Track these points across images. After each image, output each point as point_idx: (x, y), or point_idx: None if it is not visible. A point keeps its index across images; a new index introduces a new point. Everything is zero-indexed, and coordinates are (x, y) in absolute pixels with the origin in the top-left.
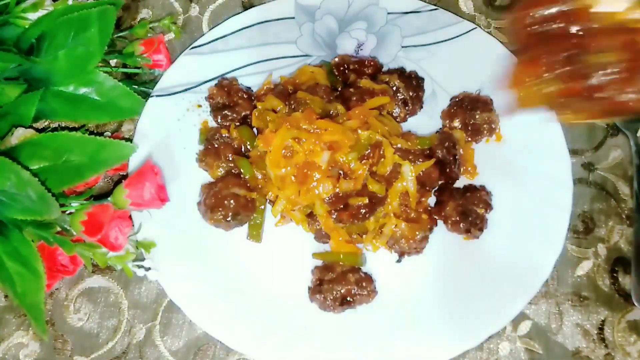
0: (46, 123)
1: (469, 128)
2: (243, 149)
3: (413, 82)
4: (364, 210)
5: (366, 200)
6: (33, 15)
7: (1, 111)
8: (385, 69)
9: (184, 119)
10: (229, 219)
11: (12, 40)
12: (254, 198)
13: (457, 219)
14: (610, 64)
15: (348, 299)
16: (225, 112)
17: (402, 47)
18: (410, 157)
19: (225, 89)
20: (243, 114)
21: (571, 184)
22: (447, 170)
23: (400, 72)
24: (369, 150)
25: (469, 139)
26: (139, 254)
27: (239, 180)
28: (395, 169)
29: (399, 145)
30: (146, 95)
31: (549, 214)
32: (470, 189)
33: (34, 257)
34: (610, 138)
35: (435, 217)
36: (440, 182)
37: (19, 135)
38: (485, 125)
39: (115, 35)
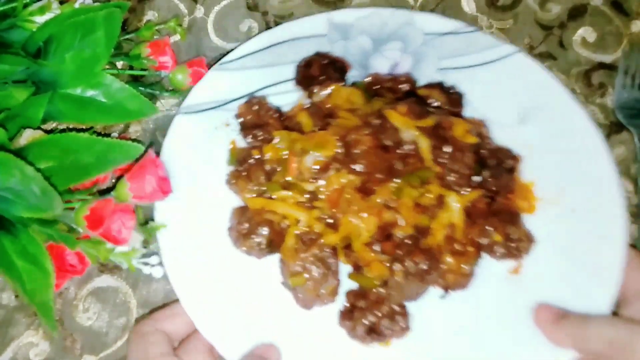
0: (54, 125)
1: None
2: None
3: (454, 97)
4: (409, 242)
5: (411, 232)
6: (40, 19)
7: (10, 113)
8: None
9: (212, 139)
10: (263, 246)
11: (19, 44)
12: (289, 224)
13: (501, 243)
14: None
15: (378, 331)
16: (255, 131)
17: (439, 69)
18: (456, 187)
19: (255, 107)
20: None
21: (625, 216)
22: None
23: (440, 86)
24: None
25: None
26: (146, 252)
27: None
28: (440, 199)
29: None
30: (152, 97)
31: (601, 249)
32: (513, 212)
33: (43, 255)
34: (614, 135)
35: (480, 250)
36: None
37: (28, 136)
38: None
39: (122, 38)
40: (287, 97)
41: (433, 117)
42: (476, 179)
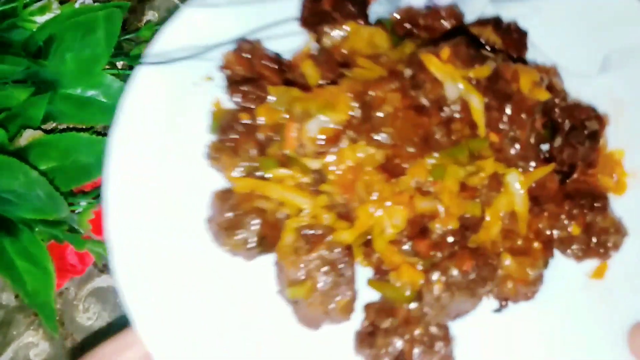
0: (54, 125)
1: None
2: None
3: (514, 37)
4: (451, 240)
5: (455, 224)
6: (41, 19)
7: (10, 113)
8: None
9: (188, 98)
10: (253, 244)
11: (20, 43)
12: (288, 214)
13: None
14: None
15: None
16: (246, 87)
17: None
18: (519, 162)
19: (246, 55)
20: None
21: None
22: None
23: (496, 24)
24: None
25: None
26: None
27: None
28: (496, 178)
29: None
30: None
31: None
32: (596, 194)
33: (44, 256)
34: None
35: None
36: None
37: (28, 136)
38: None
39: (122, 38)
40: (290, 41)
41: (489, 64)
42: (545, 148)
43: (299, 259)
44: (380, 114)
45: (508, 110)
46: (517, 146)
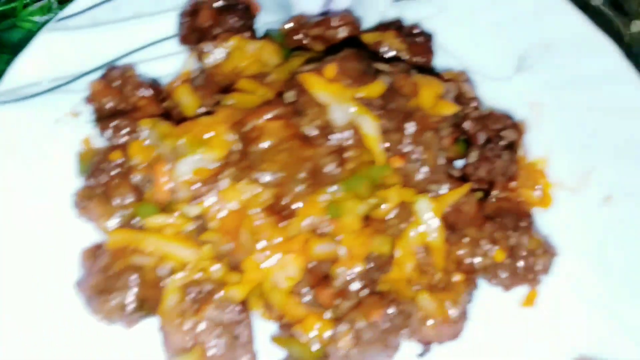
0: None
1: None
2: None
3: (418, 41)
4: (358, 285)
5: (361, 267)
6: (40, 19)
7: None
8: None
9: (50, 138)
10: (131, 309)
11: (20, 43)
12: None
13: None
14: None
15: None
16: (117, 121)
17: (394, 0)
18: (428, 186)
19: (117, 83)
20: None
21: None
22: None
23: (398, 27)
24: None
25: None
26: None
27: None
28: (405, 207)
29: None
30: None
31: None
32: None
33: None
34: None
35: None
36: None
37: None
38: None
39: None
40: (169, 62)
41: (382, 79)
42: (458, 164)
43: (185, 324)
44: (261, 146)
45: (410, 130)
46: (425, 169)
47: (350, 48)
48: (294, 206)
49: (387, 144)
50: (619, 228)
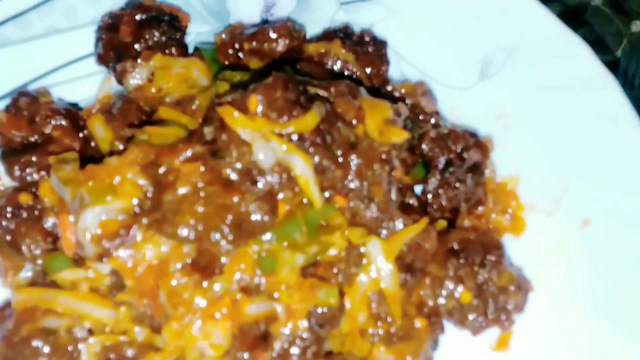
0: None
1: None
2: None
3: (369, 50)
4: (304, 344)
5: (304, 323)
6: None
7: None
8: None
9: None
10: None
11: None
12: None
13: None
14: None
15: None
16: (26, 157)
17: (342, 3)
18: (378, 225)
19: (26, 112)
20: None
21: None
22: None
23: (346, 35)
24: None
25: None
26: None
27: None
28: (354, 248)
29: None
30: None
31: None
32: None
33: None
34: None
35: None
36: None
37: None
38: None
39: None
40: (87, 84)
41: (315, 110)
42: (417, 189)
43: None
44: (175, 196)
45: (354, 164)
46: (373, 207)
47: (278, 72)
48: (220, 261)
49: (328, 182)
50: (600, 254)
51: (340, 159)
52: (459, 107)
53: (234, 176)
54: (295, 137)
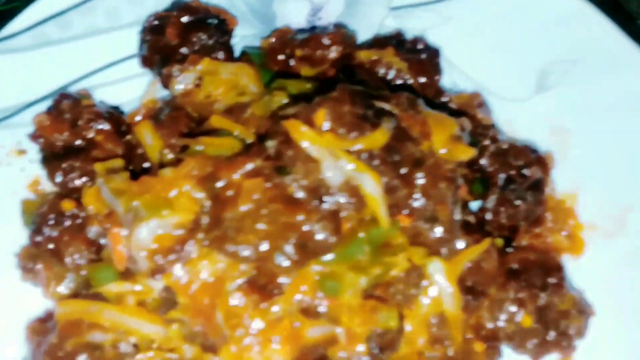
0: None
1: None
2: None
3: (422, 58)
4: None
5: (364, 347)
6: None
7: None
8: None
9: None
10: None
11: None
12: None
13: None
14: None
15: None
16: (69, 162)
17: (392, 8)
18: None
19: (68, 115)
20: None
21: None
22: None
23: (399, 43)
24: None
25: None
26: None
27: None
28: (414, 270)
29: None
30: None
31: None
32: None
33: None
34: None
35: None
36: None
37: None
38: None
39: None
40: (130, 87)
41: (385, 126)
42: (473, 205)
43: None
44: (232, 214)
45: (420, 182)
46: (438, 227)
47: (344, 85)
48: (279, 281)
49: (393, 202)
50: None
51: (406, 177)
52: (513, 120)
53: (300, 194)
54: (364, 154)
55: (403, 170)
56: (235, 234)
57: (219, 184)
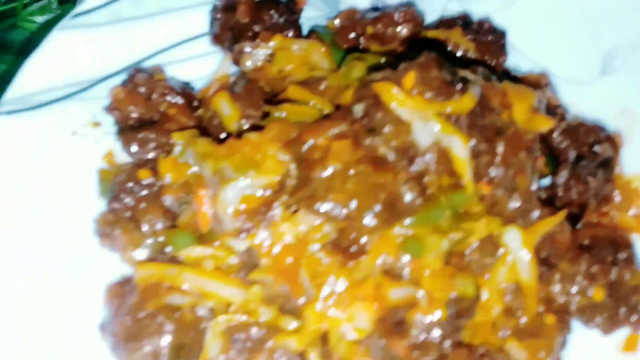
0: None
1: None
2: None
3: (489, 39)
4: (442, 333)
5: (439, 312)
6: (41, 19)
7: None
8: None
9: (66, 153)
10: (165, 357)
11: (20, 43)
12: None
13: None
14: None
15: None
16: (144, 133)
17: None
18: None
19: (142, 90)
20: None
21: None
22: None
23: (465, 24)
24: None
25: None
26: None
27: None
28: (490, 239)
29: None
30: None
31: None
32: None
33: None
34: None
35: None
36: None
37: None
38: None
39: None
40: (202, 62)
41: (472, 91)
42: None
43: None
44: (325, 173)
45: (501, 151)
46: (516, 197)
47: (430, 52)
48: (363, 241)
49: (475, 168)
50: None
51: (488, 145)
52: (578, 102)
53: (389, 155)
54: (452, 119)
55: (485, 139)
56: (325, 192)
57: (305, 148)
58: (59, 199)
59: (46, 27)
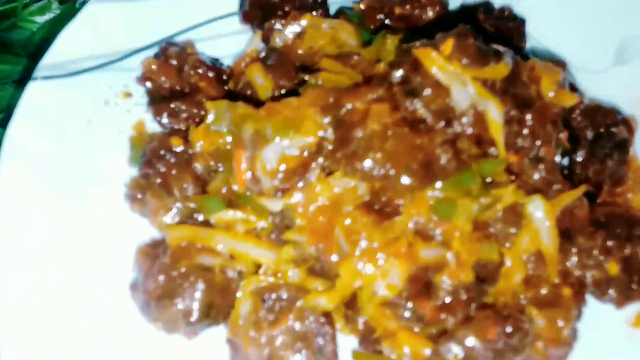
0: None
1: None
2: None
3: (509, 26)
4: (469, 295)
5: (469, 276)
6: (41, 19)
7: None
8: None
9: (98, 121)
10: (195, 317)
11: (20, 43)
12: (242, 272)
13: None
14: None
15: None
16: (176, 103)
17: None
18: (544, 185)
19: (174, 62)
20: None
21: None
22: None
23: (486, 10)
24: None
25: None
26: None
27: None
28: (513, 209)
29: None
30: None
31: None
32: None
33: None
34: None
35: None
36: None
37: None
38: None
39: None
40: (230, 41)
41: (506, 60)
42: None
43: (260, 335)
44: (361, 134)
45: (529, 122)
46: (542, 167)
47: (464, 24)
48: (397, 202)
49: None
50: None
51: (518, 115)
52: (591, 91)
53: (427, 117)
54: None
55: (516, 108)
56: (365, 151)
57: (343, 111)
58: (91, 165)
59: (46, 27)
